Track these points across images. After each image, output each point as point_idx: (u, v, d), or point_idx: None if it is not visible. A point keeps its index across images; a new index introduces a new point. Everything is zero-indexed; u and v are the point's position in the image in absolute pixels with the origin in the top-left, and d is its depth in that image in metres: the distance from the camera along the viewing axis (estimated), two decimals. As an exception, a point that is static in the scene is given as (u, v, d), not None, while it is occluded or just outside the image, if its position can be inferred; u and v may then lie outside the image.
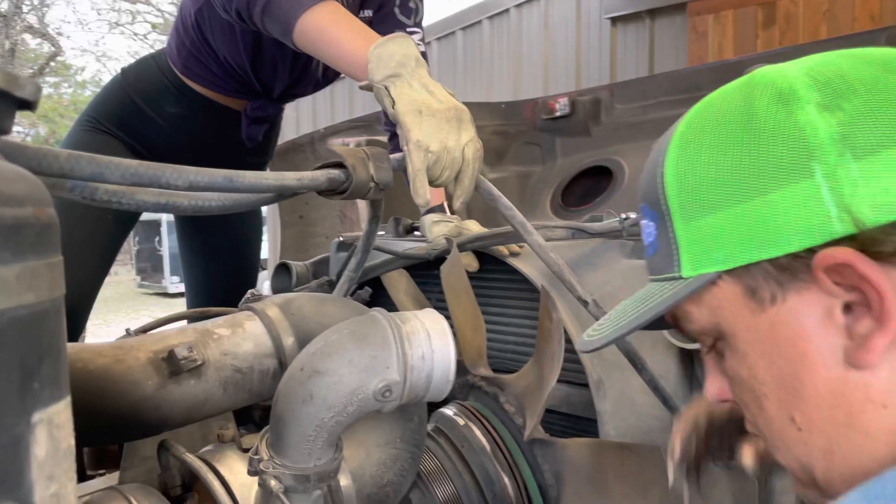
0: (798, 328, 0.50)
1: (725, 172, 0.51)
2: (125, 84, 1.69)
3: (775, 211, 0.49)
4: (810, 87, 0.49)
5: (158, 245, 11.78)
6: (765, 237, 0.49)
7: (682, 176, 0.54)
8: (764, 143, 0.50)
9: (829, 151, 0.47)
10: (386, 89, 1.09)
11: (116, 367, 0.82)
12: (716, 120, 0.54)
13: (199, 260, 2.03)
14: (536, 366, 1.14)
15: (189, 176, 0.72)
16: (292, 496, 0.78)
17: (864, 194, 0.46)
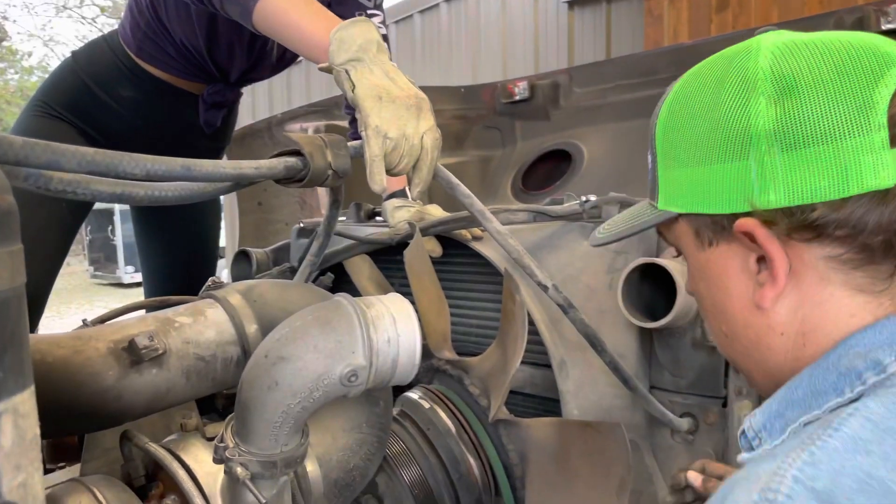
0: (724, 268, 0.64)
1: (691, 138, 0.63)
2: (77, 67, 1.64)
3: (716, 179, 0.60)
4: (768, 80, 0.57)
5: (112, 234, 11.50)
6: (706, 198, 0.61)
7: (665, 132, 0.66)
8: (720, 122, 0.60)
9: (763, 141, 0.57)
10: (346, 73, 1.08)
11: (75, 358, 0.80)
12: (697, 90, 0.64)
13: (157, 247, 1.99)
14: (500, 348, 1.15)
15: (146, 164, 0.70)
16: (259, 483, 0.78)
17: (780, 181, 0.56)
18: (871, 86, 0.54)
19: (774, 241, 0.58)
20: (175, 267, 2.00)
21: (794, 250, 0.58)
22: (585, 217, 1.28)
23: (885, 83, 0.54)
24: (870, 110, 0.54)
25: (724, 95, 0.60)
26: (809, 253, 0.57)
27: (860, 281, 0.57)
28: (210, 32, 1.55)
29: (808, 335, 0.60)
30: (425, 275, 1.27)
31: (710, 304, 0.68)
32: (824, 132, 0.55)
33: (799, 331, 0.60)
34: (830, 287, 0.58)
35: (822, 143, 0.55)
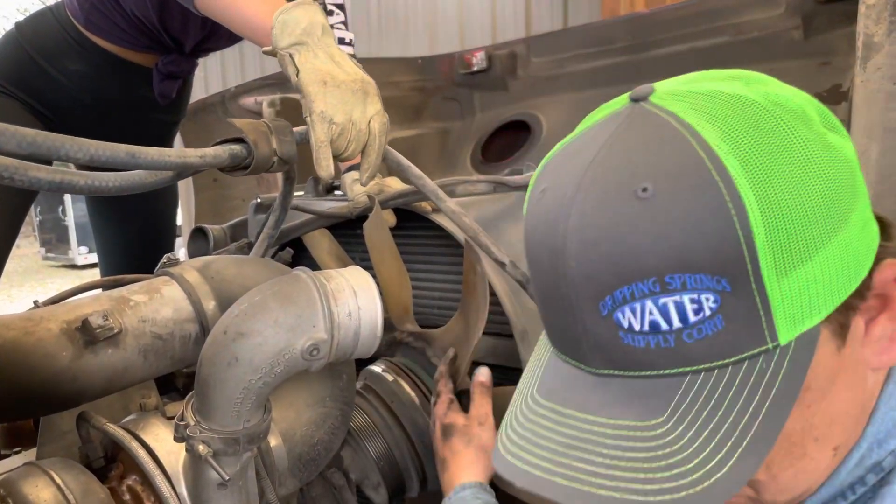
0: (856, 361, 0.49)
1: (816, 204, 0.44)
2: (21, 40, 1.57)
3: (855, 240, 0.46)
4: (814, 109, 0.48)
5: (63, 215, 11.20)
6: (855, 269, 0.46)
7: (772, 220, 0.43)
8: (834, 162, 0.46)
9: (856, 166, 0.47)
10: (290, 57, 1.05)
11: (26, 340, 0.78)
12: (780, 141, 0.45)
13: (112, 225, 1.94)
14: (462, 319, 1.16)
15: (90, 149, 0.68)
16: (221, 460, 0.77)
17: (866, 226, 0.47)
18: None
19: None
20: (131, 245, 1.95)
21: None
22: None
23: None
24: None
25: (801, 137, 0.45)
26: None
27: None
28: (162, 2, 1.50)
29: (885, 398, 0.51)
30: (385, 247, 1.27)
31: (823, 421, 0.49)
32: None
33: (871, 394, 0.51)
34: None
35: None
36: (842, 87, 1.88)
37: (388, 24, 6.27)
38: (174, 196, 2.05)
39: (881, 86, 1.23)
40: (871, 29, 1.22)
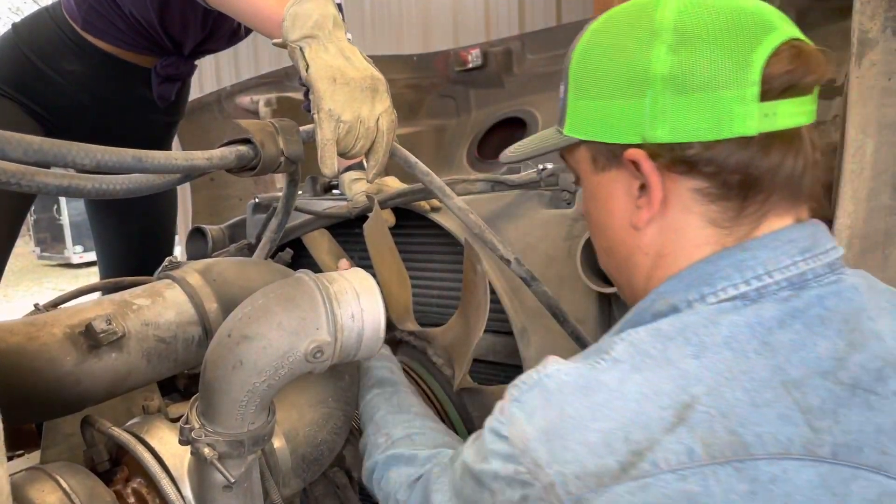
0: (611, 191, 0.72)
1: (600, 74, 0.69)
2: (18, 41, 1.57)
3: (616, 113, 0.67)
4: (671, 30, 0.64)
5: (58, 214, 11.17)
6: (607, 128, 0.69)
7: (579, 66, 0.72)
8: (626, 63, 0.66)
9: (658, 83, 0.64)
10: (300, 51, 1.04)
11: (30, 345, 0.78)
12: (612, 29, 0.70)
13: (111, 226, 1.93)
14: (462, 318, 1.16)
15: (96, 155, 0.68)
16: (226, 462, 0.78)
17: (668, 119, 0.64)
18: (751, 47, 0.62)
19: (655, 171, 0.66)
20: (131, 246, 1.94)
21: (670, 181, 0.66)
22: (543, 185, 1.28)
23: (764, 46, 0.62)
24: (747, 68, 0.62)
25: (631, 39, 0.67)
26: (681, 184, 0.66)
27: (714, 214, 0.65)
28: (162, 3, 1.50)
29: (662, 259, 0.69)
30: (385, 247, 1.27)
31: (596, 223, 0.76)
32: (708, 82, 0.62)
33: (658, 253, 0.69)
34: (690, 216, 0.66)
35: (705, 91, 0.62)
36: (836, 81, 1.89)
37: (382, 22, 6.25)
38: (174, 197, 2.04)
39: (876, 82, 1.23)
40: (865, 25, 1.23)
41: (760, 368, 0.57)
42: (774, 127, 0.62)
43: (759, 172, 0.63)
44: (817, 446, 0.54)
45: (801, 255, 0.63)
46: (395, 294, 1.27)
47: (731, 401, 0.55)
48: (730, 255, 0.64)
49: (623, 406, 0.56)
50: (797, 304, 0.61)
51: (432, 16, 5.90)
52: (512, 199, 1.34)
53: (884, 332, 0.61)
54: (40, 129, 1.60)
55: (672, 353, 0.59)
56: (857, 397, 0.57)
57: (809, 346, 0.58)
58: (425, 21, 5.93)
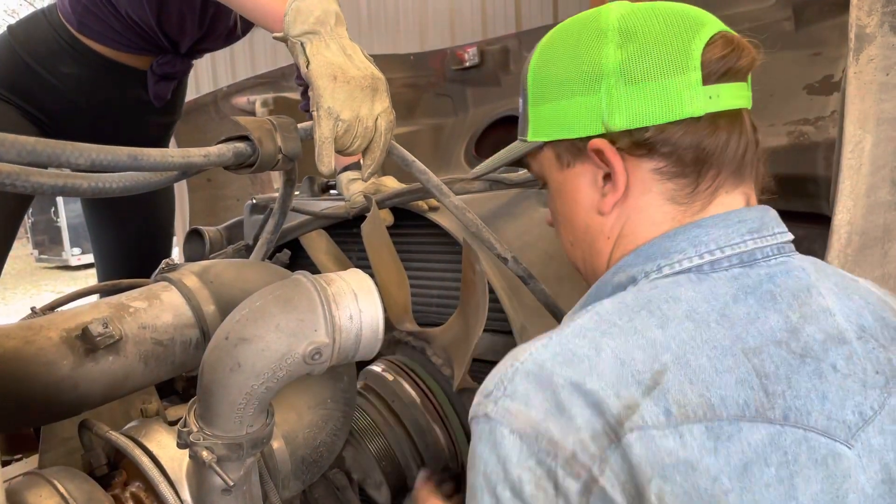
0: (577, 184, 0.77)
1: (557, 78, 0.75)
2: (14, 43, 1.56)
3: (576, 110, 0.74)
4: (616, 31, 0.72)
5: (55, 216, 11.15)
6: (568, 125, 0.75)
7: (535, 76, 0.79)
8: (580, 64, 0.73)
9: (611, 77, 0.71)
10: (301, 46, 1.03)
11: (27, 349, 0.78)
12: (562, 39, 0.77)
13: (108, 227, 1.92)
14: (461, 317, 1.16)
15: (91, 154, 0.67)
16: (225, 465, 0.77)
17: (623, 108, 0.71)
18: (689, 38, 0.70)
19: (618, 156, 0.72)
20: (129, 247, 1.94)
21: (631, 164, 0.72)
22: (540, 184, 1.28)
23: (700, 37, 0.70)
24: (688, 56, 0.69)
25: (582, 44, 0.74)
26: (641, 166, 0.72)
27: (671, 191, 0.71)
28: (160, 3, 1.49)
29: (622, 239, 0.74)
30: (384, 248, 1.27)
31: (563, 218, 0.81)
32: (655, 71, 0.69)
33: (619, 234, 0.75)
34: (649, 195, 0.72)
35: (654, 80, 0.69)
36: (833, 77, 1.89)
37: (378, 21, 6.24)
38: (171, 198, 2.04)
39: (874, 77, 1.23)
40: (863, 20, 1.23)
41: (721, 337, 0.62)
42: (719, 107, 0.69)
43: (709, 149, 0.69)
44: (768, 409, 0.59)
45: (751, 235, 0.69)
46: (394, 294, 1.26)
47: (696, 367, 0.60)
48: (685, 230, 0.70)
49: (606, 368, 0.60)
50: (747, 282, 0.66)
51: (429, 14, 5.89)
52: (510, 197, 1.34)
53: (834, 310, 0.66)
54: (37, 131, 1.60)
55: (638, 323, 0.63)
56: (808, 366, 0.62)
57: (763, 319, 0.63)
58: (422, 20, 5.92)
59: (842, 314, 0.66)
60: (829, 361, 0.63)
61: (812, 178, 1.80)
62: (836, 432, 0.60)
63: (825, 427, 0.60)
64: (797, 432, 0.59)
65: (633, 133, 0.71)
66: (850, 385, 0.62)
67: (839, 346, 0.64)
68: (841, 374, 0.62)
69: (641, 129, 0.70)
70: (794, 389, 0.60)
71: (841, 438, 0.60)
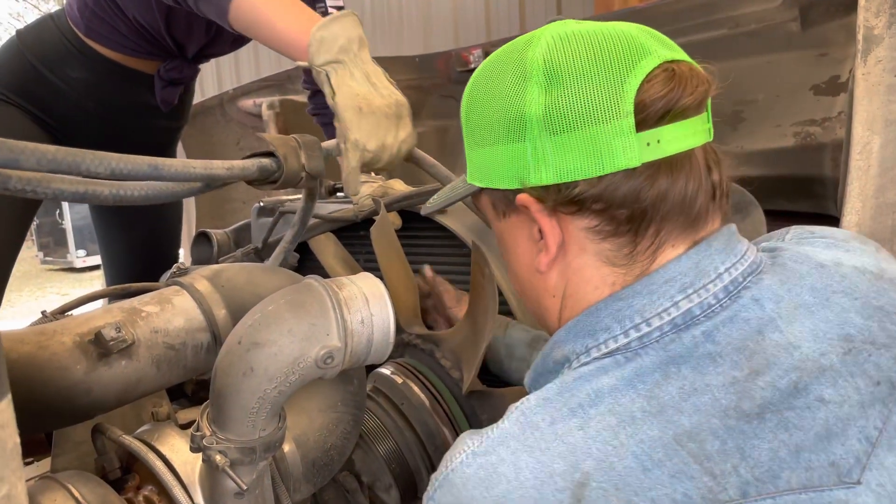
0: (515, 237, 0.72)
1: (482, 121, 0.69)
2: (23, 48, 1.57)
3: (501, 159, 0.67)
4: (541, 71, 0.63)
5: (60, 218, 11.19)
6: (496, 175, 0.68)
7: (466, 115, 0.73)
8: (503, 108, 0.66)
9: (535, 126, 0.63)
10: (326, 77, 1.05)
11: (41, 354, 0.78)
12: (488, 77, 0.70)
13: (116, 232, 1.94)
14: (470, 320, 1.16)
15: (111, 163, 0.68)
16: (238, 469, 0.78)
17: (550, 161, 0.63)
18: (622, 78, 0.61)
19: (545, 214, 0.65)
20: (137, 251, 1.95)
21: (563, 222, 0.65)
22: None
23: (635, 74, 0.61)
24: (619, 100, 0.60)
25: (506, 83, 0.66)
26: (574, 224, 0.65)
27: (608, 252, 0.65)
28: (169, 9, 1.50)
29: (567, 300, 0.69)
30: (392, 250, 1.27)
31: (508, 267, 0.77)
32: (582, 119, 0.61)
33: (564, 294, 0.69)
34: (586, 256, 0.66)
35: (581, 129, 0.61)
36: (840, 77, 1.89)
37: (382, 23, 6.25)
38: (178, 202, 2.05)
39: (882, 78, 1.23)
40: (871, 21, 1.23)
41: (648, 428, 0.55)
42: (660, 154, 0.61)
43: (646, 203, 0.61)
44: (719, 492, 0.53)
45: (683, 293, 0.61)
46: (403, 297, 1.27)
47: (622, 471, 0.54)
48: (607, 304, 0.64)
49: (523, 495, 0.56)
50: (678, 350, 0.59)
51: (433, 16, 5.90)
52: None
53: (798, 339, 0.59)
54: (45, 135, 1.61)
55: (559, 426, 0.58)
56: (768, 422, 0.55)
57: (701, 390, 0.56)
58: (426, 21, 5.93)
59: (812, 338, 0.59)
60: (799, 404, 0.55)
61: (819, 178, 1.80)
62: (826, 479, 0.53)
63: (805, 481, 0.53)
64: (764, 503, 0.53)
65: (562, 188, 0.63)
66: (846, 412, 0.55)
67: (820, 375, 0.56)
68: (833, 403, 0.55)
69: (570, 185, 0.62)
70: (751, 459, 0.53)
71: (832, 482, 0.53)
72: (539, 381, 0.70)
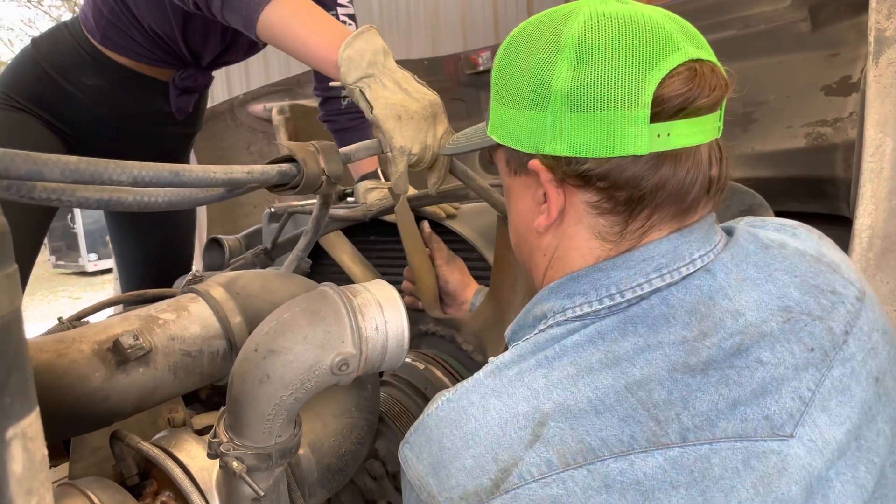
0: (521, 194, 0.76)
1: (512, 83, 0.72)
2: (38, 56, 1.58)
3: (522, 122, 0.70)
4: (573, 47, 0.66)
5: (72, 222, 11.26)
6: (516, 136, 0.71)
7: (498, 71, 0.75)
8: (533, 75, 0.69)
9: (558, 99, 0.66)
10: (361, 93, 1.10)
11: (60, 362, 0.79)
12: (525, 40, 0.72)
13: (130, 238, 1.95)
14: (493, 301, 1.17)
15: (133, 171, 0.69)
16: (255, 475, 0.79)
17: (566, 134, 0.66)
18: (647, 69, 0.63)
19: (552, 182, 0.69)
20: (150, 255, 1.96)
21: (568, 192, 0.70)
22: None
23: (659, 69, 0.63)
24: (640, 90, 0.63)
25: (538, 51, 0.69)
26: (577, 196, 0.69)
27: (601, 227, 0.69)
28: (185, 17, 1.51)
29: (556, 261, 0.74)
30: (414, 234, 1.29)
31: (509, 219, 0.81)
32: (603, 101, 0.64)
33: (553, 256, 0.74)
34: (580, 226, 0.70)
35: (600, 111, 0.64)
36: (851, 78, 1.88)
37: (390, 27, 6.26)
38: (192, 209, 2.06)
39: (894, 80, 1.23)
40: (882, 24, 1.22)
41: (603, 377, 0.61)
42: (667, 147, 0.64)
43: (646, 189, 0.65)
44: (661, 436, 0.59)
45: (657, 272, 0.66)
46: (426, 281, 1.28)
47: (577, 413, 0.60)
48: (588, 273, 0.69)
49: (488, 433, 0.62)
50: (636, 311, 0.65)
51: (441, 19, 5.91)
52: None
53: (744, 307, 0.65)
54: (60, 143, 1.62)
55: (526, 375, 0.64)
56: (711, 377, 0.61)
57: (654, 346, 0.62)
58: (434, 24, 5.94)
59: (756, 307, 0.65)
60: (740, 363, 0.61)
61: (830, 179, 1.80)
62: (758, 431, 0.59)
63: (740, 431, 0.59)
64: (700, 448, 0.58)
65: (572, 162, 0.67)
66: (782, 373, 0.61)
67: (761, 340, 0.63)
68: (770, 365, 0.62)
69: (580, 160, 0.66)
70: (693, 409, 0.60)
71: (766, 434, 0.59)
72: (518, 332, 0.76)
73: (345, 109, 1.71)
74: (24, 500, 0.35)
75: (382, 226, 1.50)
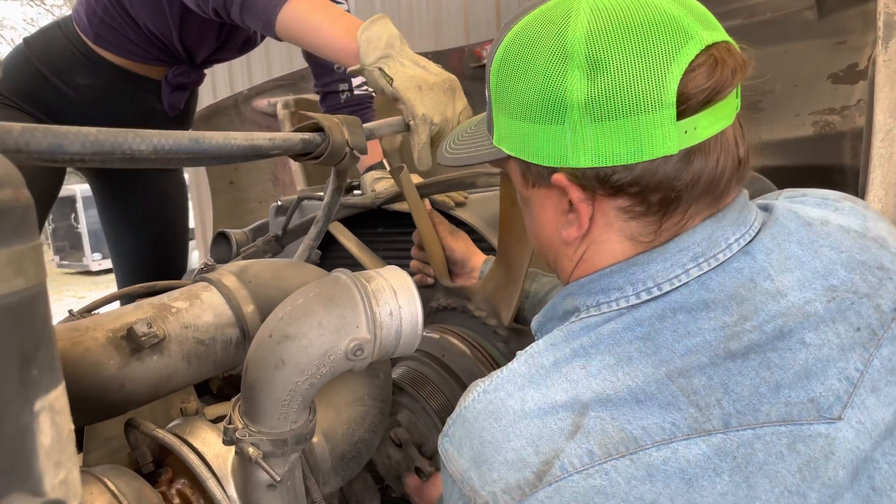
0: (542, 206, 0.73)
1: (518, 95, 0.68)
2: (30, 55, 1.58)
3: (538, 137, 0.67)
4: (583, 55, 0.62)
5: (75, 222, 11.28)
6: (531, 151, 0.69)
7: (497, 80, 0.71)
8: (541, 87, 0.65)
9: (576, 111, 0.63)
10: (381, 70, 1.13)
11: (74, 350, 0.79)
12: (526, 47, 0.68)
13: (125, 233, 1.95)
14: (502, 263, 1.17)
15: (153, 140, 0.69)
16: (270, 461, 0.79)
17: (588, 147, 0.63)
18: (665, 67, 0.60)
19: (581, 194, 0.67)
20: (145, 251, 1.97)
21: (598, 202, 0.67)
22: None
23: (678, 63, 0.60)
24: (662, 90, 0.60)
25: (544, 60, 0.65)
26: (607, 204, 0.67)
27: (633, 231, 0.67)
28: (182, 16, 1.51)
29: (582, 263, 0.72)
30: (420, 205, 1.29)
31: (529, 227, 0.79)
32: (625, 108, 0.61)
33: (581, 259, 0.72)
34: (611, 231, 0.68)
35: (623, 118, 0.61)
36: (858, 66, 1.87)
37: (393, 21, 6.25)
38: (184, 199, 2.07)
39: (904, 64, 1.22)
40: (892, 8, 1.22)
41: (643, 366, 0.61)
42: (696, 140, 0.62)
43: (680, 187, 0.63)
44: (704, 422, 0.58)
45: (694, 262, 0.65)
46: (435, 250, 1.28)
47: (617, 402, 0.60)
48: (622, 268, 0.67)
49: (528, 424, 0.61)
50: (675, 297, 0.64)
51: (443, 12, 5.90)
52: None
53: (787, 287, 0.63)
54: None
55: (563, 365, 0.64)
56: (752, 361, 0.60)
57: (693, 333, 0.61)
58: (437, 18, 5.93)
59: (799, 287, 0.63)
60: (783, 346, 0.60)
61: (838, 168, 1.79)
62: (803, 415, 0.58)
63: (785, 415, 0.58)
64: (744, 434, 0.57)
65: (600, 172, 0.64)
66: (826, 354, 0.60)
67: (804, 321, 0.61)
68: (814, 346, 0.60)
69: (608, 169, 0.64)
70: (734, 393, 0.59)
71: (812, 417, 0.58)
72: (546, 325, 0.76)
73: (344, 103, 1.71)
74: (53, 473, 0.35)
75: (390, 218, 1.50)
